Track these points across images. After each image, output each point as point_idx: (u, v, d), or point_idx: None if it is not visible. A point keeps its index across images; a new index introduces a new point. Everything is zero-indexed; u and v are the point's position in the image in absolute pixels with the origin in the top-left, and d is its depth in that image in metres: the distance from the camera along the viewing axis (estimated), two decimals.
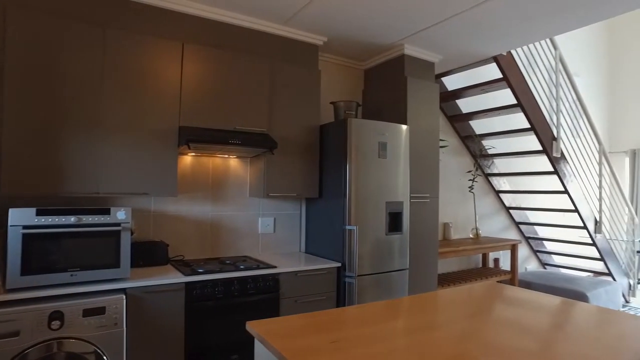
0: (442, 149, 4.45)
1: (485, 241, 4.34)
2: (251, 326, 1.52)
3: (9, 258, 1.81)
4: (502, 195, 5.14)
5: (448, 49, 3.36)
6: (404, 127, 3.03)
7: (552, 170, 4.40)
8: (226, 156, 2.97)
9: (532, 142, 4.70)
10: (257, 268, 2.49)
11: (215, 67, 2.62)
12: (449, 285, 3.78)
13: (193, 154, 2.83)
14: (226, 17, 2.71)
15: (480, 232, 4.63)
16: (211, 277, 2.31)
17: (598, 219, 4.76)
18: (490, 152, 4.95)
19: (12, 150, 2.01)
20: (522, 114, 4.18)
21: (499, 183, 5.12)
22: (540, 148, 4.34)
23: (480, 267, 4.81)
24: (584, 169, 5.14)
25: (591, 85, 6.88)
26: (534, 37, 3.12)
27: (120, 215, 2.09)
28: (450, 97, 4.46)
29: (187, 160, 2.85)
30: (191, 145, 2.43)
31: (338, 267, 2.79)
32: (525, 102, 4.07)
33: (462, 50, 3.40)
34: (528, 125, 4.22)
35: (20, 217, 1.85)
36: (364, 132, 2.80)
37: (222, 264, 2.62)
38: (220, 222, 2.95)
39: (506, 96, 4.29)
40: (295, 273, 2.61)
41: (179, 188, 2.80)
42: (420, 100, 3.30)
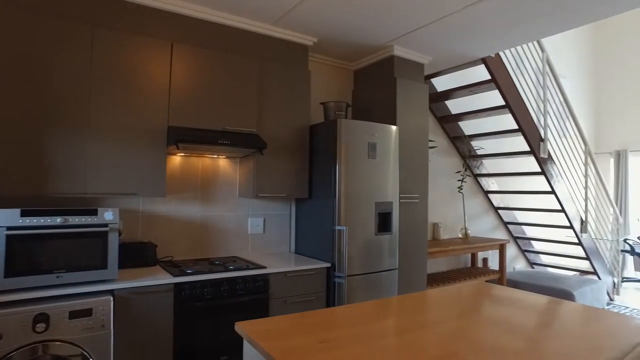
0: (431, 149, 4.49)
1: (474, 241, 4.38)
2: (240, 327, 1.51)
3: None
4: (490, 196, 5.19)
5: (437, 51, 3.39)
6: (394, 127, 3.04)
7: (540, 170, 4.45)
8: (215, 156, 2.96)
9: (520, 143, 4.76)
10: (246, 268, 2.48)
11: (205, 67, 2.60)
12: (438, 285, 3.81)
13: (182, 154, 2.81)
14: (216, 16, 2.69)
15: (469, 232, 4.67)
16: (200, 278, 2.30)
17: (584, 219, 4.83)
18: (479, 152, 5.00)
19: None
20: (510, 115, 4.23)
21: (488, 183, 5.17)
22: (528, 149, 4.40)
23: (469, 266, 4.85)
24: (570, 169, 5.22)
25: (577, 87, 6.99)
26: (521, 39, 3.16)
27: (108, 215, 2.07)
28: (440, 98, 4.50)
29: (176, 160, 2.83)
30: (180, 145, 2.41)
31: (328, 268, 2.80)
32: (513, 104, 4.12)
33: (451, 52, 3.43)
34: (516, 127, 4.27)
35: (4, 218, 1.82)
36: (353, 132, 2.81)
37: (212, 264, 2.60)
38: (209, 222, 2.93)
39: (495, 97, 4.34)
40: (285, 273, 2.61)
41: (168, 188, 2.78)
42: (410, 101, 3.32)
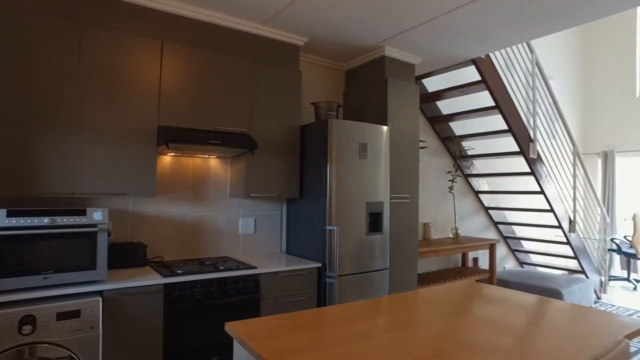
0: (422, 149, 4.51)
1: (464, 241, 4.41)
2: (230, 327, 1.51)
3: None
4: (481, 196, 5.24)
5: (428, 51, 3.41)
6: (385, 128, 3.05)
7: (529, 171, 4.50)
8: (206, 156, 2.95)
9: (510, 143, 4.81)
10: (237, 269, 2.47)
11: (196, 66, 2.59)
12: (428, 284, 3.83)
13: (173, 154, 2.79)
14: (207, 16, 2.68)
15: (459, 232, 4.71)
16: (190, 278, 2.29)
17: (572, 219, 4.90)
18: (469, 153, 5.04)
19: None
20: (500, 116, 4.27)
21: (478, 183, 5.21)
22: (517, 149, 4.44)
23: (460, 266, 4.89)
24: (559, 170, 5.28)
25: (566, 88, 7.08)
26: (511, 41, 3.19)
27: (97, 216, 2.05)
28: (431, 98, 4.52)
29: (167, 160, 2.81)
30: (170, 145, 2.40)
31: (319, 268, 2.80)
32: (503, 104, 4.16)
33: (441, 53, 3.45)
34: (506, 127, 4.31)
35: None
36: (344, 132, 2.82)
37: (202, 264, 2.59)
38: (200, 222, 2.92)
39: (485, 98, 4.38)
40: (276, 273, 2.61)
41: (159, 188, 2.76)
42: (401, 101, 3.33)
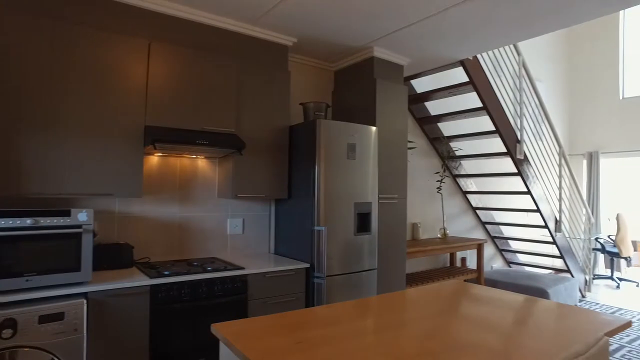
0: (410, 150, 4.54)
1: (452, 241, 4.45)
2: (216, 328, 1.50)
3: None
4: (469, 196, 5.28)
5: (416, 52, 3.43)
6: (373, 128, 3.06)
7: (516, 171, 4.56)
8: (194, 156, 2.92)
9: (497, 144, 4.86)
10: (224, 269, 2.46)
11: (183, 66, 2.57)
12: (417, 284, 3.85)
13: (160, 154, 2.77)
14: (194, 15, 2.67)
15: (447, 232, 4.75)
16: (177, 280, 2.27)
17: (558, 219, 4.97)
18: (457, 153, 5.08)
19: None
20: (487, 117, 4.32)
21: (466, 184, 5.26)
22: (504, 150, 4.49)
23: (448, 266, 4.92)
24: (545, 170, 5.35)
25: (552, 90, 7.18)
26: (498, 42, 3.23)
27: (82, 216, 2.02)
28: (419, 99, 4.55)
29: (154, 160, 2.79)
30: (157, 145, 2.38)
31: (307, 268, 2.80)
32: (490, 106, 4.21)
33: (429, 54, 3.48)
34: (493, 128, 4.36)
35: None
36: (333, 133, 2.82)
37: (190, 265, 2.57)
38: (188, 223, 2.90)
39: (473, 99, 4.42)
40: (264, 274, 2.60)
41: (145, 189, 2.73)
42: (389, 102, 3.35)
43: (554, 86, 7.24)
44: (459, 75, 4.59)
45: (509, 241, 5.78)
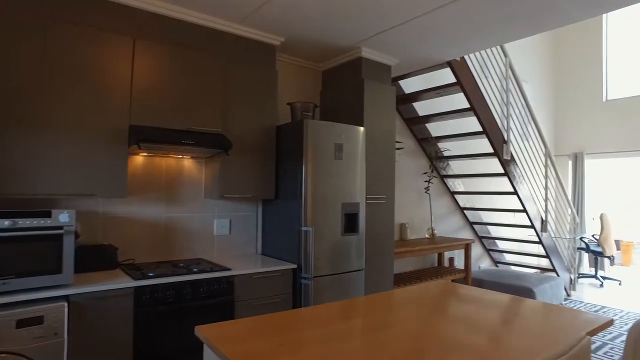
0: (399, 150, 4.55)
1: (440, 241, 4.47)
2: (200, 330, 1.48)
3: None
4: (456, 196, 5.32)
5: (404, 53, 3.44)
6: (361, 128, 3.06)
7: (503, 172, 4.60)
8: (180, 157, 2.89)
9: (484, 145, 4.90)
10: (210, 271, 2.43)
11: (169, 65, 2.54)
12: (405, 284, 3.86)
13: (145, 154, 2.73)
14: (180, 13, 2.63)
15: (435, 232, 4.77)
16: (162, 281, 2.23)
17: (544, 219, 5.03)
18: (445, 154, 5.11)
19: None
20: (475, 118, 4.35)
21: (454, 184, 5.29)
22: (491, 151, 4.53)
23: (436, 266, 4.95)
24: (531, 171, 5.42)
25: (538, 92, 7.27)
26: (485, 43, 3.25)
27: (63, 217, 1.98)
28: (407, 100, 4.57)
29: (139, 160, 2.75)
30: (142, 145, 2.34)
31: (294, 269, 2.78)
32: (477, 106, 4.24)
33: (417, 55, 3.49)
34: (480, 129, 4.39)
35: None
36: (320, 133, 2.81)
37: (175, 267, 2.54)
38: (174, 224, 2.86)
39: (461, 100, 4.45)
40: (250, 275, 2.58)
41: (130, 189, 2.69)
42: (377, 102, 3.35)
43: (540, 88, 7.33)
44: (447, 76, 4.62)
45: (496, 241, 5.83)
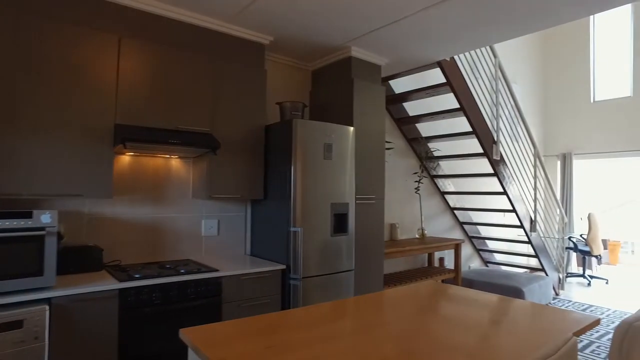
0: (388, 150, 4.55)
1: (430, 241, 4.47)
2: (184, 333, 1.45)
3: None
4: (447, 196, 5.33)
5: (394, 53, 3.43)
6: (350, 128, 3.05)
7: (493, 172, 4.62)
8: (167, 156, 2.85)
9: (474, 145, 4.92)
10: (197, 272, 2.40)
11: (156, 63, 2.50)
12: (395, 285, 3.86)
13: (131, 153, 2.69)
14: (168, 11, 2.60)
15: (426, 232, 4.78)
16: (148, 283, 2.20)
17: (533, 218, 5.06)
18: (435, 154, 5.12)
19: None
20: (464, 118, 4.36)
21: (444, 184, 5.31)
22: (481, 151, 4.55)
23: (426, 266, 4.96)
24: (520, 171, 5.45)
25: (527, 93, 7.33)
26: (474, 43, 3.25)
27: (45, 218, 1.93)
28: (397, 100, 4.57)
29: (126, 160, 2.70)
30: (128, 144, 2.30)
31: (283, 270, 2.76)
32: (467, 107, 4.25)
33: (407, 54, 3.48)
34: (470, 129, 4.40)
35: None
36: (309, 133, 2.79)
37: (162, 268, 2.50)
38: (161, 224, 2.82)
39: (452, 100, 4.46)
40: (239, 276, 2.55)
41: (117, 189, 2.65)
42: (367, 102, 3.34)
43: (529, 89, 7.39)
44: (437, 77, 4.63)
45: (486, 241, 5.86)
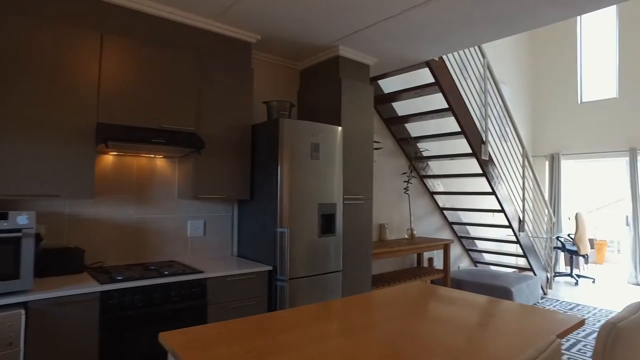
0: (377, 150, 4.54)
1: (419, 241, 4.47)
2: (164, 337, 1.41)
3: None
4: (436, 197, 5.34)
5: (382, 52, 3.42)
6: (338, 128, 3.02)
7: (481, 172, 4.63)
8: (152, 156, 2.80)
9: (463, 145, 4.93)
10: (182, 273, 2.36)
11: (139, 60, 2.45)
12: (383, 285, 3.84)
13: (114, 153, 2.63)
14: (151, 8, 2.55)
15: (415, 232, 4.77)
16: (130, 285, 2.15)
17: (522, 218, 5.09)
18: (424, 154, 5.12)
19: None
20: (453, 118, 4.37)
21: (434, 185, 5.31)
22: (470, 151, 4.56)
23: (415, 266, 4.95)
24: (509, 171, 5.48)
25: (516, 94, 7.38)
26: (462, 43, 3.25)
27: (21, 220, 1.87)
28: (386, 99, 4.56)
29: (108, 160, 2.65)
30: (110, 144, 2.25)
31: (269, 271, 2.72)
32: (455, 107, 4.25)
33: (395, 54, 3.47)
34: (459, 129, 4.41)
35: None
36: (296, 132, 2.76)
37: (146, 269, 2.45)
38: (145, 225, 2.77)
39: (441, 100, 4.46)
40: (224, 278, 2.51)
41: (99, 190, 2.59)
42: (355, 101, 3.32)
43: (518, 90, 7.45)
44: (428, 77, 4.63)
45: (475, 241, 5.88)
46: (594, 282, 6.27)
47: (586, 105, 7.12)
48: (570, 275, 6.29)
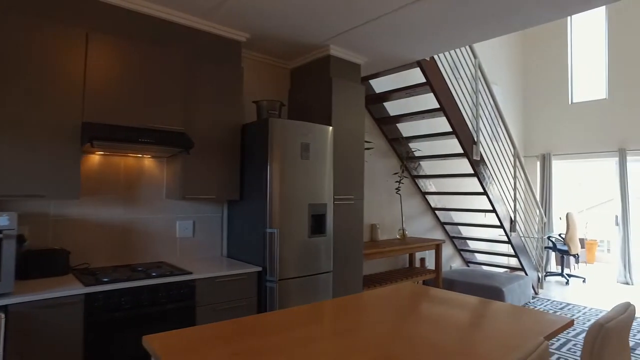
0: (369, 150, 4.53)
1: (411, 241, 4.46)
2: (147, 341, 1.38)
3: None
4: (428, 197, 5.34)
5: (373, 51, 3.40)
6: (329, 128, 3.00)
7: (473, 172, 4.64)
8: (140, 156, 2.76)
9: (455, 145, 4.94)
10: (170, 275, 2.32)
11: (126, 59, 2.41)
12: (375, 286, 3.83)
13: (101, 152, 2.59)
14: (139, 5, 2.51)
15: (406, 232, 4.76)
16: (116, 287, 2.11)
17: (513, 219, 5.10)
18: (416, 154, 5.12)
19: None
20: (445, 118, 4.37)
21: (425, 185, 5.31)
22: (461, 151, 4.56)
23: (407, 267, 4.95)
24: (500, 171, 5.50)
25: (507, 94, 7.42)
26: (454, 43, 3.24)
27: (2, 221, 1.83)
28: (378, 99, 4.55)
29: (95, 159, 2.60)
30: (95, 143, 2.20)
31: (259, 272, 2.69)
32: (447, 107, 4.25)
33: (386, 53, 3.46)
34: (450, 129, 4.41)
35: None
36: (286, 132, 2.74)
37: (133, 271, 2.41)
38: (133, 226, 2.73)
39: (433, 100, 4.46)
40: (213, 279, 2.48)
41: (85, 190, 2.55)
42: (346, 101, 3.30)
43: (509, 90, 7.48)
44: (420, 77, 4.62)
45: (467, 241, 5.90)
46: (584, 281, 6.31)
47: (577, 106, 7.17)
48: (561, 274, 6.33)
